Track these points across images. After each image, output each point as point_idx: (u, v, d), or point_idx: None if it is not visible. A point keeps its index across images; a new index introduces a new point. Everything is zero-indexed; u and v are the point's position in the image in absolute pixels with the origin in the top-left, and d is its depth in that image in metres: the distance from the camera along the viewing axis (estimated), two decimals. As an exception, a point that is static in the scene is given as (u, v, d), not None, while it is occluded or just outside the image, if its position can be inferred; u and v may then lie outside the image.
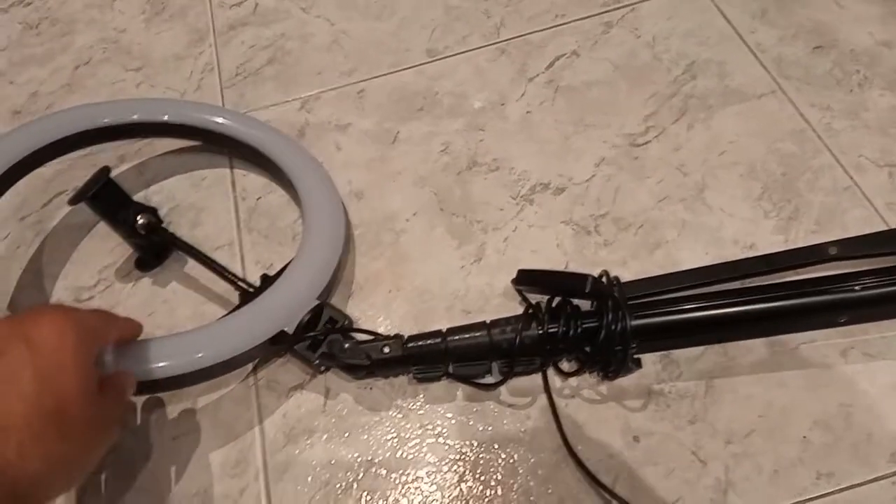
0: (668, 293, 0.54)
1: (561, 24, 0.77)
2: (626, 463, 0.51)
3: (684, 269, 0.57)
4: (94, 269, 0.65)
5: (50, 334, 0.40)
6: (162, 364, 0.50)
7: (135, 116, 0.65)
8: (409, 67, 0.76)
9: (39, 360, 0.39)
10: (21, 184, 0.63)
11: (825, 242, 0.55)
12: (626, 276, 0.56)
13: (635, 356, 0.51)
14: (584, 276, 0.52)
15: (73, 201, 0.58)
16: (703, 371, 0.54)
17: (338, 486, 0.52)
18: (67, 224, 0.69)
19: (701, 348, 0.54)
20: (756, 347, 0.54)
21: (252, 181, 0.70)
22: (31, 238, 0.68)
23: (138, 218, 0.60)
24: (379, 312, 0.60)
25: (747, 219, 0.61)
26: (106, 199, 0.59)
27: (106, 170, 0.59)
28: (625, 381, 0.54)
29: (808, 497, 0.48)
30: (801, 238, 0.59)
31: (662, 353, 0.55)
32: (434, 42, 0.78)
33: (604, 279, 0.54)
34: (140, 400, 0.57)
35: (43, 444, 0.38)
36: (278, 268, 0.60)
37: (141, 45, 0.84)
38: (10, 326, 0.40)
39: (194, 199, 0.69)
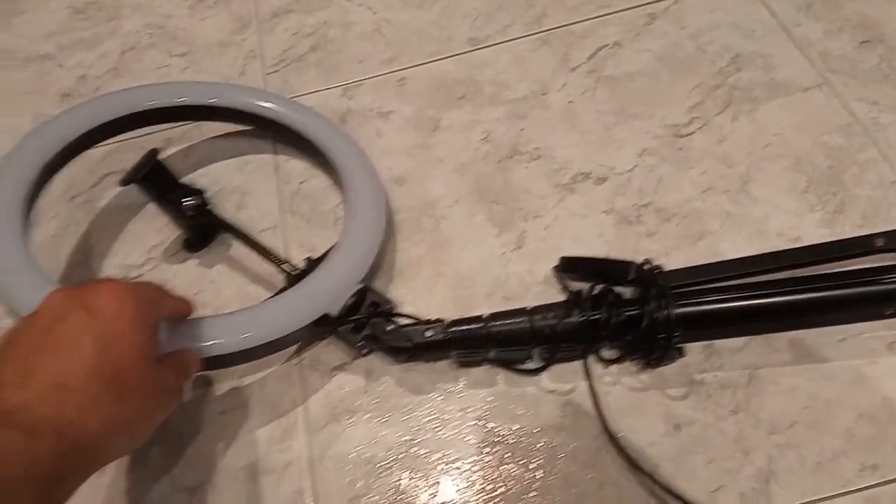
0: (712, 282, 0.54)
1: (604, 15, 0.77)
2: (666, 450, 0.51)
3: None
4: (143, 249, 0.66)
5: (110, 303, 0.41)
6: (211, 343, 0.51)
7: (183, 99, 0.66)
8: (451, 56, 0.77)
9: (99, 326, 0.40)
10: (71, 165, 0.65)
11: (872, 234, 0.55)
12: (668, 266, 0.56)
13: (678, 345, 0.52)
14: (627, 263, 0.52)
15: (124, 183, 0.59)
16: (747, 362, 0.54)
17: (379, 464, 0.53)
18: (116, 204, 0.70)
19: (744, 339, 0.54)
20: (800, 339, 0.54)
21: (295, 166, 0.71)
22: (80, 218, 0.70)
23: (186, 200, 0.61)
24: (419, 297, 0.61)
25: (792, 211, 0.61)
26: (155, 180, 0.60)
27: (155, 152, 0.60)
28: (666, 370, 0.54)
29: (851, 489, 0.48)
30: (847, 232, 0.59)
31: (705, 343, 0.55)
32: (476, 31, 0.78)
33: (647, 267, 0.54)
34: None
35: (101, 405, 0.39)
36: (320, 251, 0.61)
37: (186, 31, 0.85)
38: (71, 294, 0.42)
39: (239, 183, 0.70)
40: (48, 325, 0.40)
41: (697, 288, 0.54)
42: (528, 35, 0.77)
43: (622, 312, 0.52)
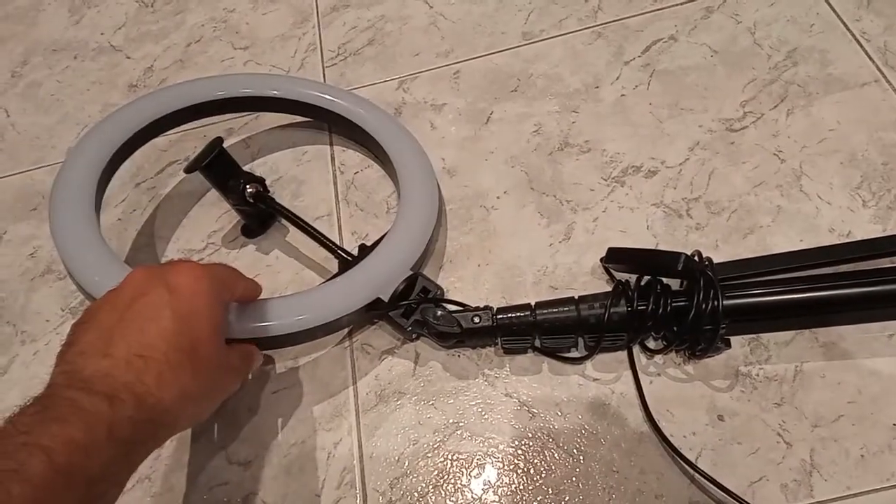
0: (761, 276, 0.54)
1: (660, 9, 0.77)
2: (709, 440, 0.51)
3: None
4: (204, 234, 0.69)
5: (188, 281, 0.43)
6: (268, 323, 0.53)
7: (247, 91, 0.69)
8: (505, 50, 0.78)
9: (178, 303, 0.42)
10: (137, 152, 0.68)
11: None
12: (717, 259, 0.56)
13: (725, 336, 0.52)
14: (676, 254, 0.52)
15: (189, 169, 0.61)
16: (793, 355, 0.54)
17: (425, 444, 0.54)
18: (179, 191, 0.73)
19: (791, 333, 0.54)
20: (849, 334, 0.54)
21: (350, 156, 0.73)
22: (145, 203, 0.73)
23: (247, 187, 0.63)
24: (468, 285, 0.62)
25: (844, 207, 0.60)
26: (218, 168, 0.62)
27: (219, 140, 0.62)
28: (711, 362, 0.54)
29: (895, 483, 0.48)
30: (900, 228, 0.58)
31: (751, 336, 0.55)
32: (530, 25, 0.79)
33: (696, 258, 0.54)
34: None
35: (178, 377, 0.41)
36: (373, 239, 0.63)
37: (249, 25, 0.88)
38: (153, 272, 0.45)
39: (296, 173, 0.72)
40: (130, 299, 0.43)
41: (746, 281, 0.54)
42: (583, 29, 0.77)
43: (669, 303, 0.52)
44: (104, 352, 0.40)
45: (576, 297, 0.55)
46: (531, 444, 0.53)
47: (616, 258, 0.59)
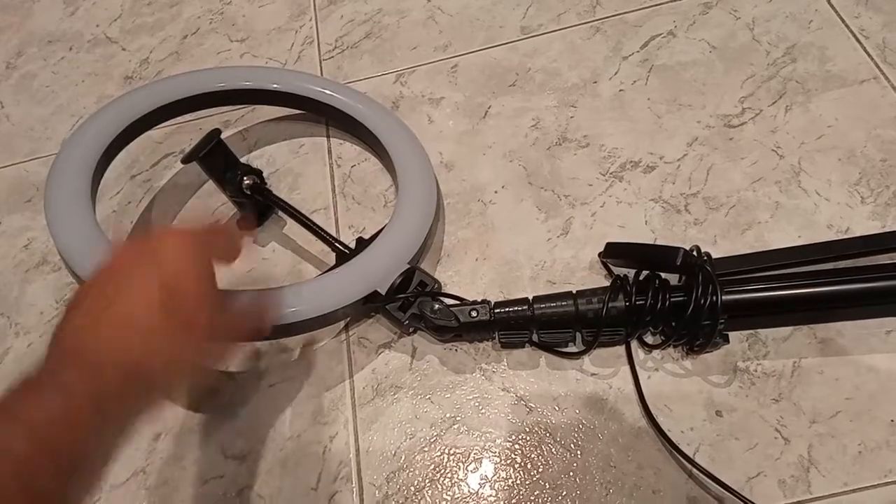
0: (759, 271, 0.54)
1: (659, 4, 0.76)
2: (707, 436, 0.51)
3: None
4: (199, 226, 0.69)
5: (175, 253, 0.43)
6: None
7: (246, 83, 0.69)
8: (503, 44, 0.78)
9: (165, 275, 0.42)
10: (132, 144, 0.67)
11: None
12: (715, 254, 0.56)
13: (723, 332, 0.52)
14: (675, 249, 0.52)
15: (186, 160, 0.61)
16: (791, 351, 0.54)
17: (422, 439, 0.54)
18: (175, 184, 0.73)
19: (789, 329, 0.54)
20: (847, 330, 0.54)
21: (347, 149, 0.72)
22: (141, 195, 0.72)
23: (244, 179, 0.63)
24: (465, 279, 0.62)
25: (843, 203, 0.60)
26: (215, 159, 0.62)
27: (217, 132, 0.62)
28: (709, 357, 0.54)
29: (892, 479, 0.48)
30: (899, 224, 0.58)
31: (749, 331, 0.55)
32: (529, 19, 0.79)
33: (694, 253, 0.54)
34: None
35: (164, 348, 0.41)
36: (370, 232, 0.62)
37: (245, 18, 0.87)
38: (140, 246, 0.44)
39: (293, 165, 0.72)
40: (118, 272, 0.43)
41: (744, 276, 0.54)
42: (581, 24, 0.77)
43: (668, 298, 0.52)
44: (93, 326, 0.40)
45: (574, 292, 0.55)
46: (528, 438, 0.53)
47: (614, 253, 0.58)
